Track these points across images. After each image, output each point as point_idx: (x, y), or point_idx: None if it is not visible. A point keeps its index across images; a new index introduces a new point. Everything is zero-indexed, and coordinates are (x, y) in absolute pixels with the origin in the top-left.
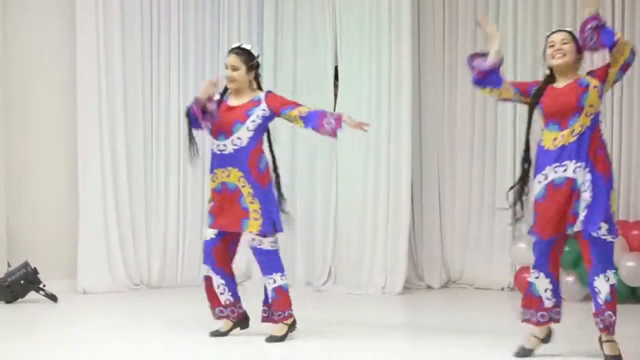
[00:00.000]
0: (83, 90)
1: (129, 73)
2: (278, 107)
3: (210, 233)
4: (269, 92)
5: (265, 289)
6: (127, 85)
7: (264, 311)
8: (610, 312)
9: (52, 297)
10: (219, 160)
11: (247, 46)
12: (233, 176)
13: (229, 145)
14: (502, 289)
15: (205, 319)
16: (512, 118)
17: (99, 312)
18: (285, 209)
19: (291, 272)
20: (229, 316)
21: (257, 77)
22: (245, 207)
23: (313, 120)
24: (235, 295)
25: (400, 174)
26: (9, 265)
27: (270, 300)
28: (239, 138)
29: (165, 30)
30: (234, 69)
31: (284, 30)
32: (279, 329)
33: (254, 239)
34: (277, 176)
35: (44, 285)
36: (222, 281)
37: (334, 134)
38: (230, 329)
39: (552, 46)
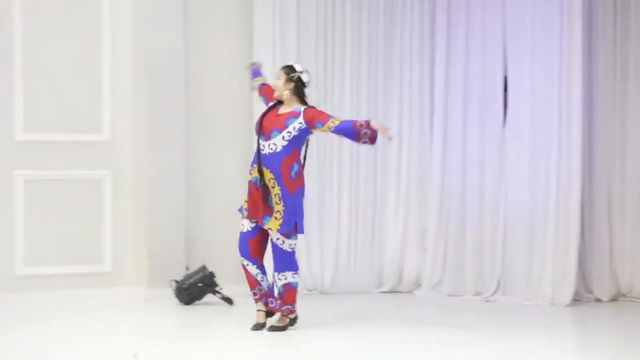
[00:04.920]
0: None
1: None
2: (312, 121)
3: (247, 226)
4: (308, 107)
5: (274, 284)
6: None
7: (271, 301)
8: None
9: (228, 300)
10: (257, 158)
11: (294, 64)
12: (266, 176)
13: (266, 148)
14: None
15: (366, 323)
16: None
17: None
18: None
19: (460, 282)
20: (266, 297)
21: (298, 92)
22: (271, 206)
23: (345, 131)
24: (269, 286)
25: (570, 185)
26: (187, 269)
27: (277, 294)
28: (274, 144)
29: (339, 45)
30: (277, 78)
31: (456, 41)
32: (280, 319)
33: (278, 238)
34: None
35: (220, 289)
36: (258, 271)
37: (373, 141)
38: (264, 322)
39: None
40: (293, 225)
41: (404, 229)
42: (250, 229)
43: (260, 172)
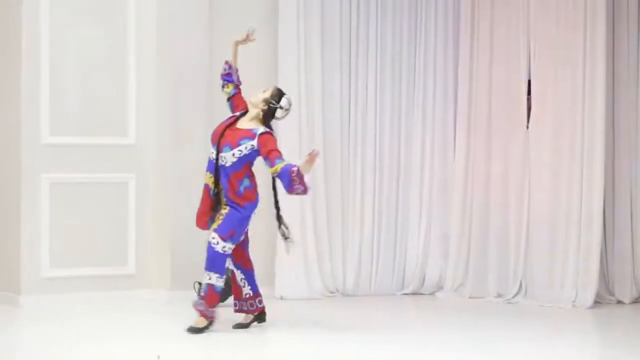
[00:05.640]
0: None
1: (327, 88)
2: (263, 151)
3: None
4: (266, 132)
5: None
6: (325, 101)
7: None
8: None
9: None
10: (210, 165)
11: (285, 96)
12: (219, 185)
13: (218, 159)
14: None
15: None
16: None
17: (294, 319)
18: (287, 243)
19: (483, 284)
20: (247, 309)
21: (267, 116)
22: (218, 210)
23: (283, 181)
24: (254, 288)
25: (592, 188)
26: None
27: (203, 293)
28: (224, 157)
29: (363, 51)
30: (264, 90)
31: (480, 46)
32: (200, 321)
33: (214, 238)
34: (278, 210)
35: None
36: (242, 275)
37: (305, 193)
38: (251, 322)
39: None
40: (229, 232)
41: (427, 232)
42: None
43: (216, 180)
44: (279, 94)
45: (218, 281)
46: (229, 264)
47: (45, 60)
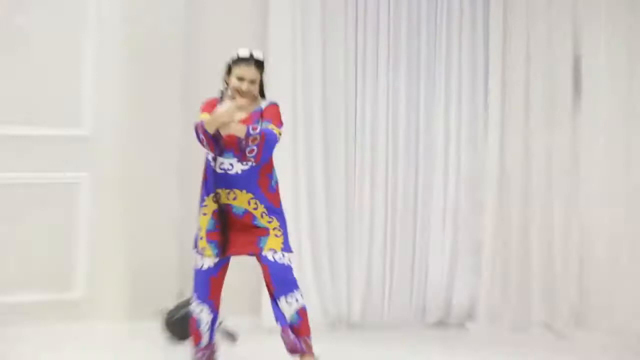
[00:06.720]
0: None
1: (329, 70)
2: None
3: (209, 262)
4: (271, 103)
5: (280, 312)
6: (327, 83)
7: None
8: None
9: (231, 337)
10: (222, 181)
11: (260, 55)
12: (242, 198)
13: (236, 166)
14: None
15: None
16: None
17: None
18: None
19: (525, 312)
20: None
21: (262, 87)
22: (262, 226)
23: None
24: (212, 337)
25: None
26: (181, 295)
27: (288, 326)
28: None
29: (372, 33)
30: (252, 82)
31: (513, 37)
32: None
33: (276, 253)
34: None
35: (221, 321)
36: (211, 316)
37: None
38: None
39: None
40: (289, 243)
41: (453, 244)
42: (212, 265)
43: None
44: (258, 60)
45: (303, 298)
46: (196, 302)
47: None
